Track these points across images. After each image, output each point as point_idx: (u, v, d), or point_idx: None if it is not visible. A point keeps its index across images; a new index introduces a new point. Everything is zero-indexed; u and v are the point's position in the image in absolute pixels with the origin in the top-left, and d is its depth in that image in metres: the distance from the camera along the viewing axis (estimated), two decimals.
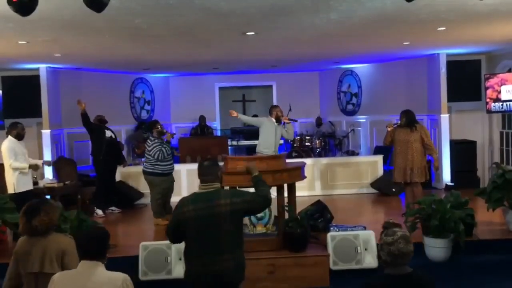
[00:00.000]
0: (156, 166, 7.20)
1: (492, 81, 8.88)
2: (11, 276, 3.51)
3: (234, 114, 7.41)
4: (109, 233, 3.11)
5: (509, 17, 5.81)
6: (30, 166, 6.71)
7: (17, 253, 3.50)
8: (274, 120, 7.44)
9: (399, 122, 7.31)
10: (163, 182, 7.24)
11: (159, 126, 7.40)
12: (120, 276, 2.90)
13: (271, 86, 13.30)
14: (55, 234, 3.50)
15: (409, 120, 7.08)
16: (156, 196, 7.29)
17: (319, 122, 12.41)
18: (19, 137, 6.71)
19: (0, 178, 7.56)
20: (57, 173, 9.01)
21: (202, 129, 12.08)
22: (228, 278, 3.37)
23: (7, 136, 6.84)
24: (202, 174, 3.51)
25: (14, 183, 6.58)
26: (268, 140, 7.38)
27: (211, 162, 3.60)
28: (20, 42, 6.38)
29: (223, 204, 3.35)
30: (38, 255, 3.38)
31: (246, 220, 5.90)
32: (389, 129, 7.19)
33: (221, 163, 5.93)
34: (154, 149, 7.20)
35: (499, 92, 8.76)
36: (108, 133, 8.24)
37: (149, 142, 7.34)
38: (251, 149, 11.82)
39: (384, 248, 2.76)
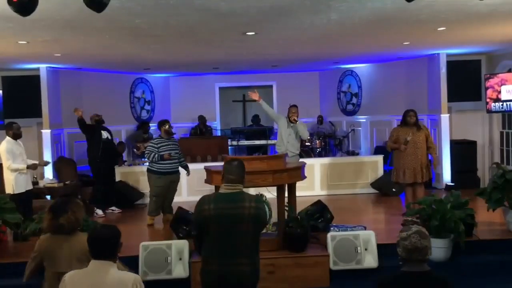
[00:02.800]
0: (153, 164, 7.21)
1: (492, 81, 8.88)
2: (31, 273, 3.52)
3: (255, 96, 7.25)
4: (120, 232, 3.05)
5: (509, 17, 5.81)
6: (28, 167, 6.71)
7: (41, 252, 3.46)
8: (287, 120, 7.39)
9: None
10: (157, 181, 7.21)
11: (167, 126, 7.34)
12: (131, 277, 2.87)
13: (271, 86, 13.28)
14: (80, 234, 3.48)
15: (417, 119, 7.12)
16: (151, 193, 7.34)
17: (320, 120, 12.43)
18: (16, 136, 6.71)
19: (0, 177, 7.57)
20: (57, 173, 9.01)
21: (201, 129, 12.07)
22: (243, 282, 3.32)
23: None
24: (229, 174, 3.42)
25: (13, 184, 6.58)
26: (280, 138, 7.41)
27: (239, 163, 3.48)
28: (20, 42, 6.38)
29: (247, 207, 3.30)
30: (66, 254, 3.36)
31: None
32: (403, 147, 6.99)
33: (221, 163, 5.95)
34: (147, 148, 7.29)
35: (499, 92, 8.76)
36: (105, 134, 8.22)
37: (151, 141, 7.43)
38: (252, 149, 11.84)
39: (400, 244, 2.76)
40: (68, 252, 3.35)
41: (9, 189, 6.63)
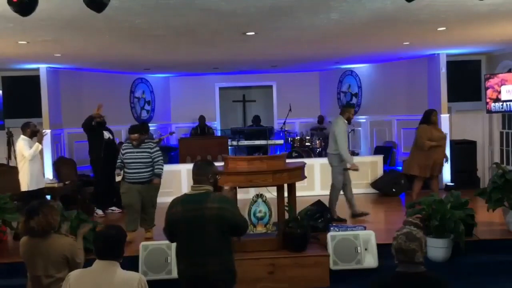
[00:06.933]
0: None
1: (492, 81, 8.88)
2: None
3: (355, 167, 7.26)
4: (125, 232, 3.09)
5: (509, 17, 5.81)
6: (39, 141, 6.75)
7: (22, 254, 3.49)
8: (346, 121, 7.29)
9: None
10: (121, 187, 6.55)
11: (131, 137, 6.52)
12: (135, 276, 2.90)
13: (271, 86, 13.29)
14: (56, 236, 3.47)
15: (437, 118, 7.56)
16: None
17: (320, 120, 12.45)
18: (34, 134, 6.80)
19: (1, 178, 7.59)
20: (57, 173, 9.01)
21: (202, 129, 12.07)
22: (214, 281, 3.35)
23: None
24: (194, 174, 3.52)
25: (28, 181, 6.63)
26: (343, 141, 7.19)
27: (205, 163, 3.58)
28: (20, 42, 6.37)
29: (210, 208, 3.34)
30: (42, 257, 3.36)
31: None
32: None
33: (221, 163, 5.93)
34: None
35: (499, 92, 8.76)
36: (106, 134, 8.22)
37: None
38: (252, 149, 11.84)
39: (392, 244, 2.78)
40: (44, 255, 3.34)
41: (23, 186, 6.70)
